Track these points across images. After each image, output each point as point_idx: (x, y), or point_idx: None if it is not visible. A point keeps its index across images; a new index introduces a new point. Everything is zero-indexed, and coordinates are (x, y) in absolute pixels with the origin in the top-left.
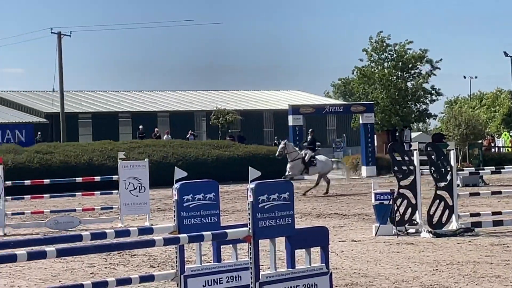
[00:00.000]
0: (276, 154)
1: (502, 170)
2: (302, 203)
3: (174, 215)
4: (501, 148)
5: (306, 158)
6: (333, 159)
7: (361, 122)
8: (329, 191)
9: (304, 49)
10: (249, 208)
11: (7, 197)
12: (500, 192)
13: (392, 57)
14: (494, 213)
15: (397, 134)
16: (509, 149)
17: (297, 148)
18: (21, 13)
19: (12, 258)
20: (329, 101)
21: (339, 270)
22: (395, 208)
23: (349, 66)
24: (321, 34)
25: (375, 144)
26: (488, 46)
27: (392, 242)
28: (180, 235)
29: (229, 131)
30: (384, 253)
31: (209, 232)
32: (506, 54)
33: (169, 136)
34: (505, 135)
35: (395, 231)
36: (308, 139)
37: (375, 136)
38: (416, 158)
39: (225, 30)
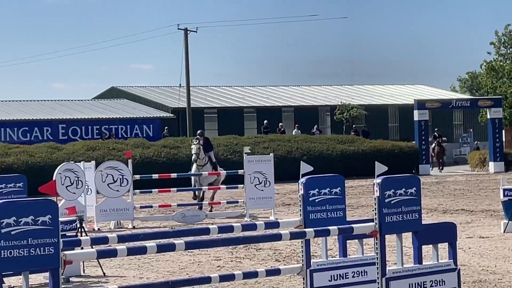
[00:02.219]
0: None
1: None
2: (428, 198)
3: (300, 210)
4: None
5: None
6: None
7: (488, 117)
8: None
9: (430, 43)
10: (375, 203)
11: (136, 191)
12: None
13: None
14: None
15: None
16: None
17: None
18: (149, 10)
19: (142, 250)
20: (456, 95)
21: (467, 267)
22: None
23: (476, 60)
24: (447, 27)
25: (503, 139)
26: None
27: None
28: (306, 230)
29: (353, 126)
30: None
31: (335, 227)
32: None
33: (299, 131)
34: None
35: None
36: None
37: (503, 131)
38: None
39: (350, 25)
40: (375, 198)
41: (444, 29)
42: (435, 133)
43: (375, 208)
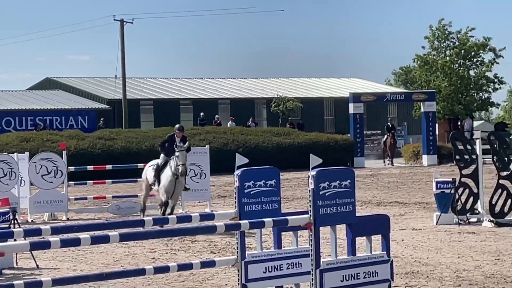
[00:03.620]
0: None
1: None
2: (362, 191)
3: (235, 202)
4: None
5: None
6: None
7: (422, 110)
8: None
9: (365, 36)
10: (309, 195)
11: (70, 182)
12: None
13: (454, 45)
14: None
15: (459, 123)
16: None
17: None
18: (86, 0)
19: (76, 242)
20: (390, 89)
21: (400, 258)
22: (457, 197)
23: (411, 54)
24: (382, 21)
25: (437, 132)
26: None
27: (453, 231)
28: (241, 221)
29: (289, 118)
30: (445, 242)
31: (270, 219)
32: None
33: (233, 123)
34: None
35: (457, 220)
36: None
37: (437, 124)
38: (478, 147)
39: (287, 18)
40: (309, 191)
41: (379, 23)
42: (388, 124)
43: (310, 200)
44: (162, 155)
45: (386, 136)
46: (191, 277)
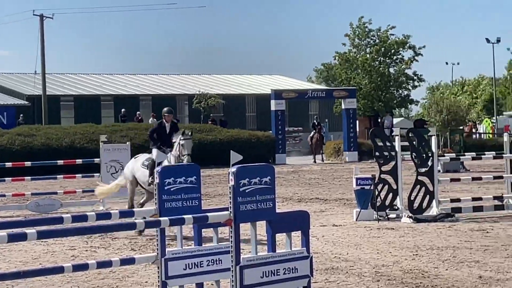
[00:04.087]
0: None
1: (482, 156)
2: (283, 187)
3: (155, 198)
4: (482, 135)
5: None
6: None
7: (343, 107)
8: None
9: (287, 34)
10: (230, 192)
11: None
12: (480, 178)
13: (375, 43)
14: (474, 199)
15: (379, 120)
16: (490, 136)
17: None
18: None
19: None
20: (312, 86)
21: (320, 254)
22: (376, 193)
23: (332, 51)
24: (304, 18)
25: (357, 129)
26: (471, 33)
27: (372, 227)
28: (161, 218)
29: (211, 115)
30: (365, 238)
31: (190, 216)
32: (488, 40)
33: (155, 120)
34: (486, 121)
35: (376, 216)
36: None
37: (357, 121)
38: (397, 143)
39: (208, 14)
40: (230, 187)
41: (301, 21)
42: (315, 121)
43: (230, 197)
44: (155, 150)
45: (312, 132)
46: (111, 275)
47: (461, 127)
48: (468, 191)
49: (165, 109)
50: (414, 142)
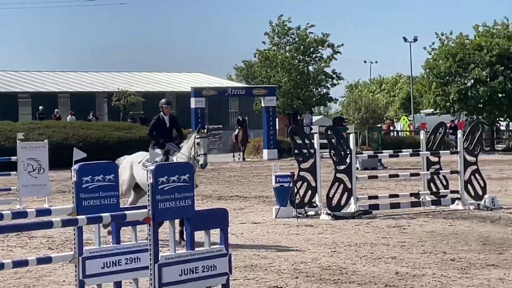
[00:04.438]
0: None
1: (400, 153)
2: (203, 185)
3: (73, 197)
4: (400, 132)
5: None
6: None
7: (263, 105)
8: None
9: (207, 31)
10: (148, 190)
11: None
12: (397, 175)
13: (294, 41)
14: (391, 196)
15: (299, 117)
16: (407, 133)
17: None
18: None
19: None
20: (232, 84)
21: (239, 252)
22: (295, 190)
23: (252, 49)
24: (224, 16)
25: (277, 127)
26: (388, 31)
27: (291, 224)
28: (78, 217)
29: (130, 113)
30: (284, 235)
31: (107, 214)
32: (405, 39)
33: (73, 117)
34: (404, 119)
35: (295, 213)
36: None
37: (277, 119)
38: (316, 141)
39: (128, 11)
40: (148, 185)
41: (221, 18)
42: (239, 118)
43: (149, 195)
44: (157, 150)
45: (237, 130)
46: (28, 274)
47: (379, 125)
48: (386, 188)
49: (163, 100)
50: (333, 140)
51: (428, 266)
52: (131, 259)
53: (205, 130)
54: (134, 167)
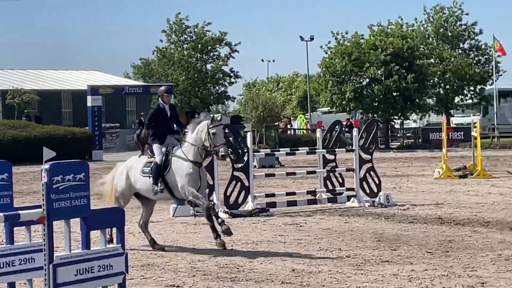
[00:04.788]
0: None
1: (296, 151)
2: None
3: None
4: (297, 130)
5: None
6: None
7: None
8: None
9: (104, 29)
10: (43, 189)
11: None
12: (294, 173)
13: (192, 39)
14: (288, 194)
15: (196, 115)
16: (304, 131)
17: None
18: None
19: None
20: (129, 82)
21: (136, 251)
22: None
23: (150, 47)
24: (121, 13)
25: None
26: (285, 30)
27: (189, 222)
28: None
29: (25, 111)
30: (181, 233)
31: (0, 214)
32: (302, 38)
33: None
34: (301, 117)
35: (193, 212)
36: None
37: None
38: None
39: (23, 7)
40: (43, 184)
41: (118, 16)
42: (141, 118)
43: (43, 194)
44: (157, 146)
45: (139, 130)
46: None
47: (276, 123)
48: (283, 186)
49: (163, 88)
50: (230, 138)
51: (324, 263)
52: (25, 260)
53: (219, 117)
54: (132, 174)
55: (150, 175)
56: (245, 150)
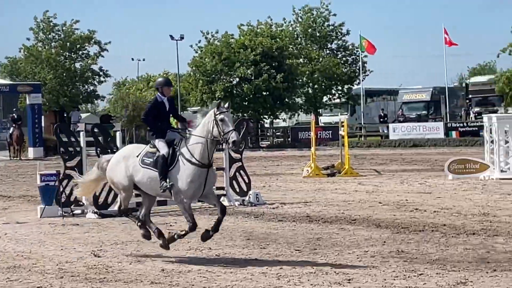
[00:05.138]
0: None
1: None
2: None
3: None
4: None
5: None
6: None
7: (28, 102)
8: None
9: None
10: None
11: None
12: None
13: (60, 37)
14: None
15: (65, 114)
16: None
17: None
18: None
19: None
20: None
21: (2, 253)
22: (61, 189)
23: (17, 45)
24: None
25: (43, 125)
26: (156, 29)
27: (57, 223)
28: None
29: None
30: (49, 234)
31: None
32: (172, 37)
33: None
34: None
35: (61, 212)
36: None
37: (43, 117)
38: (82, 139)
39: None
40: None
41: None
42: (14, 115)
43: None
44: (160, 142)
45: (12, 128)
46: None
47: None
48: None
49: (161, 79)
50: (100, 138)
51: (193, 263)
52: None
53: (226, 104)
54: (130, 163)
55: (152, 167)
56: (115, 150)
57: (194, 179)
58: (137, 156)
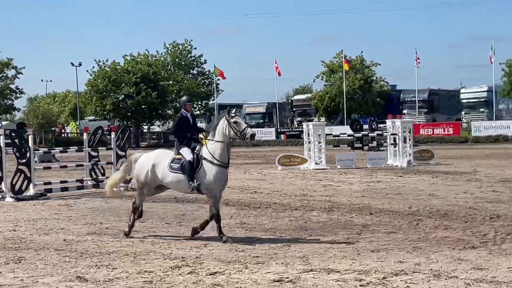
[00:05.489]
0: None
1: (68, 150)
2: None
3: None
4: (69, 134)
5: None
6: None
7: None
8: None
9: None
10: None
11: None
12: (66, 166)
13: None
14: (62, 182)
15: None
16: (75, 135)
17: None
18: None
19: None
20: None
21: None
22: None
23: None
24: None
25: None
26: (60, 57)
27: None
28: None
29: None
30: None
31: None
32: (72, 64)
33: None
34: (72, 124)
35: None
36: None
37: None
38: (2, 141)
39: None
40: None
41: None
42: None
43: None
44: (186, 150)
45: None
46: None
47: (53, 128)
48: (58, 176)
49: (185, 98)
50: (16, 140)
51: (89, 234)
52: None
53: (234, 110)
54: (159, 168)
55: (180, 172)
56: (27, 149)
57: (220, 177)
58: (165, 164)
